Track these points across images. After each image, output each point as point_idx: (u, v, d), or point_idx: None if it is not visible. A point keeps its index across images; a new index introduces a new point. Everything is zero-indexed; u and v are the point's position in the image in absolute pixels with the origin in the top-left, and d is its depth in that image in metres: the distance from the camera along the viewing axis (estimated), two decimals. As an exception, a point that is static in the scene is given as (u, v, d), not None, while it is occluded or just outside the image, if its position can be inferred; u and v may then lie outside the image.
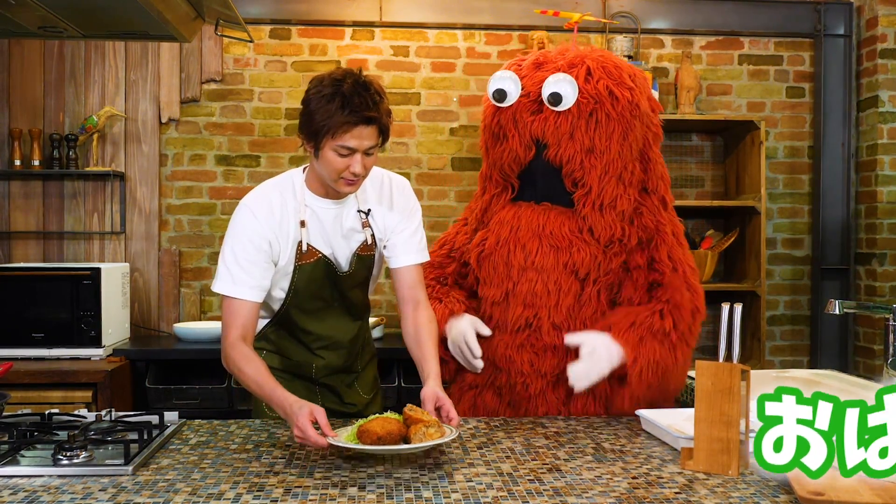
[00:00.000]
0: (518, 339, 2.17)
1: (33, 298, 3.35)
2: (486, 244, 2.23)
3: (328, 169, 1.91)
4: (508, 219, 2.21)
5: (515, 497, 1.44)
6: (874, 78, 4.02)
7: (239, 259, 1.96)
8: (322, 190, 2.03)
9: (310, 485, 1.51)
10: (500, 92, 2.18)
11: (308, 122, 1.89)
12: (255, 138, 3.98)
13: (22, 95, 3.85)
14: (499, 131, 2.21)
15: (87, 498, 1.42)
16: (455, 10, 4.01)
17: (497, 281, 2.20)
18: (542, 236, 2.15)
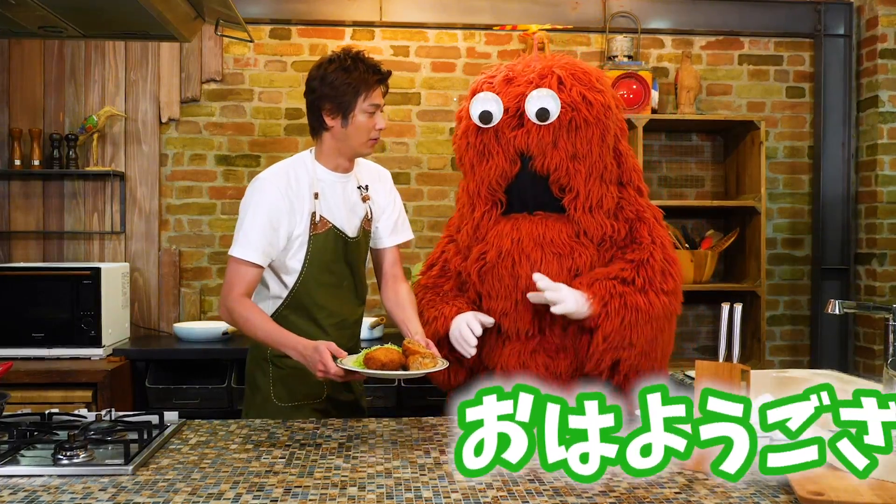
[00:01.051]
0: (530, 346, 2.24)
1: (33, 298, 3.35)
2: (488, 258, 2.25)
3: (361, 132, 2.19)
4: (508, 231, 2.24)
5: (515, 497, 1.44)
6: (874, 78, 4.02)
7: (256, 225, 2.14)
8: (332, 164, 2.26)
9: (310, 485, 1.51)
10: (486, 114, 2.23)
11: (334, 94, 2.16)
12: (256, 138, 3.98)
13: (22, 95, 3.85)
14: (482, 149, 2.25)
15: (86, 498, 1.42)
16: (455, 10, 4.01)
17: (504, 293, 2.23)
18: (543, 245, 2.21)
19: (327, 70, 2.18)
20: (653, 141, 4.08)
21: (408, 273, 3.98)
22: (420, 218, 4.02)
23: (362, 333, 3.66)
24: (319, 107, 2.20)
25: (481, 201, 2.28)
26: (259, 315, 2.13)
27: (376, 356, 1.84)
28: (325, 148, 2.25)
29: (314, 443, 1.83)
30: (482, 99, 2.24)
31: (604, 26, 4.03)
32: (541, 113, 2.17)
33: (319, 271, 2.24)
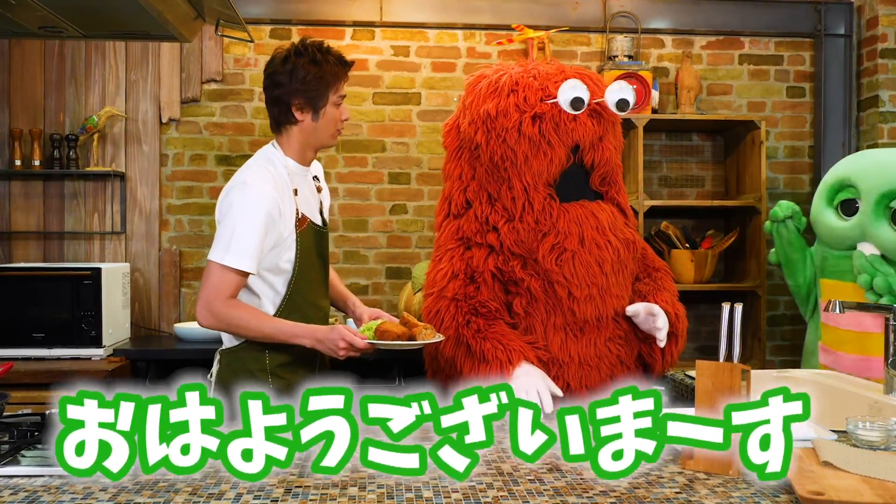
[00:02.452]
0: (606, 334, 2.29)
1: (34, 298, 3.35)
2: (567, 245, 2.23)
3: (331, 123, 2.21)
4: (583, 217, 2.26)
5: (516, 497, 1.44)
6: (874, 78, 4.02)
7: (251, 232, 2.08)
8: (299, 157, 2.25)
9: (310, 484, 1.51)
10: (577, 100, 2.24)
11: (305, 89, 2.14)
12: (256, 138, 3.98)
13: (22, 95, 3.86)
14: (540, 141, 2.25)
15: (87, 498, 1.42)
16: (455, 10, 4.01)
17: (589, 279, 2.23)
18: (615, 230, 2.29)
19: (296, 64, 2.14)
20: (653, 141, 4.08)
21: (408, 273, 3.98)
22: (420, 218, 4.02)
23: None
24: (288, 102, 2.16)
25: (539, 195, 2.27)
26: (257, 312, 2.12)
27: (390, 329, 1.96)
28: (292, 142, 2.22)
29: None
30: (573, 86, 2.25)
31: (604, 26, 4.03)
32: (621, 103, 2.24)
33: (307, 268, 2.23)
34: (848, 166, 3.16)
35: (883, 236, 3.00)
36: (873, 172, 3.03)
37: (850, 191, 3.11)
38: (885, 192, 2.99)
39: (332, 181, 4.01)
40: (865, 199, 3.03)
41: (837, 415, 2.26)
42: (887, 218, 3.00)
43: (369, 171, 4.03)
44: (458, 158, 2.41)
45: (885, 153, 3.19)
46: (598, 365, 2.27)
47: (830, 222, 3.12)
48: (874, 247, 3.04)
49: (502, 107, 2.27)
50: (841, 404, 2.39)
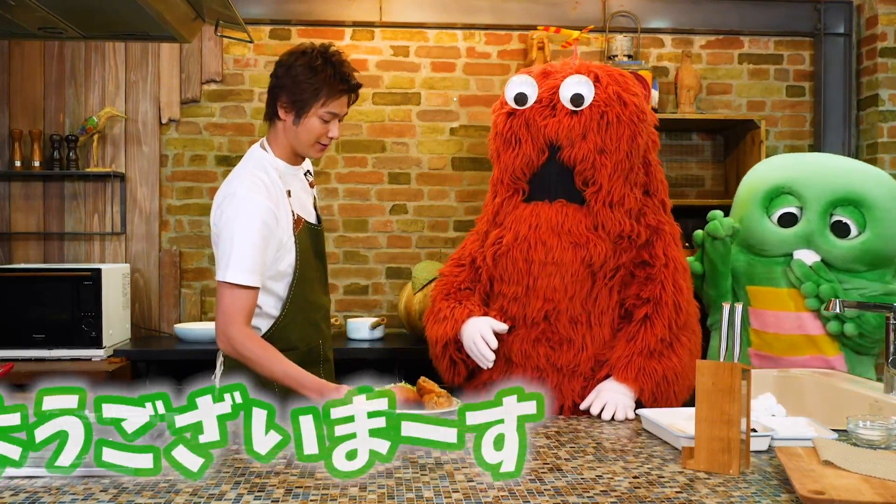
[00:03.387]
0: (534, 334, 2.25)
1: (34, 299, 3.35)
2: (504, 241, 2.26)
3: (308, 135, 2.13)
4: (526, 216, 2.25)
5: (516, 496, 1.44)
6: (874, 77, 4.02)
7: (249, 245, 2.04)
8: (287, 156, 2.20)
9: (311, 485, 1.51)
10: (521, 95, 2.24)
11: (293, 89, 2.08)
12: (256, 139, 3.96)
13: (22, 96, 3.86)
14: (511, 136, 2.25)
15: (88, 499, 1.42)
16: (455, 10, 4.01)
17: (517, 277, 2.24)
18: (560, 233, 2.22)
19: (295, 62, 2.10)
20: (653, 140, 4.07)
21: (408, 273, 3.98)
22: (420, 218, 4.02)
23: (363, 334, 3.68)
24: (277, 95, 2.13)
25: (503, 188, 2.30)
26: (273, 353, 2.04)
27: None
28: (279, 139, 2.19)
29: (315, 443, 1.83)
30: (518, 82, 2.25)
31: (604, 26, 4.03)
32: (575, 98, 2.20)
33: (307, 269, 2.21)
34: (785, 173, 3.08)
35: (829, 244, 2.98)
36: (817, 181, 2.99)
37: (788, 198, 3.05)
38: (830, 200, 2.96)
39: (332, 181, 4.01)
40: (810, 208, 2.98)
41: (838, 414, 2.26)
42: (830, 225, 2.98)
43: (369, 171, 4.03)
44: None
45: (820, 158, 3.17)
46: (522, 363, 2.26)
47: (768, 230, 3.04)
48: (814, 253, 3.01)
49: (495, 106, 2.37)
50: (841, 403, 2.39)
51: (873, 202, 2.93)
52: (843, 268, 2.99)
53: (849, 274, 2.99)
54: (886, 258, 3.00)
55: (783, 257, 3.06)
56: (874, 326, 2.95)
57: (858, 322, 2.94)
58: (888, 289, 3.03)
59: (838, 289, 2.97)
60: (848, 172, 3.03)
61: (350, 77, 2.13)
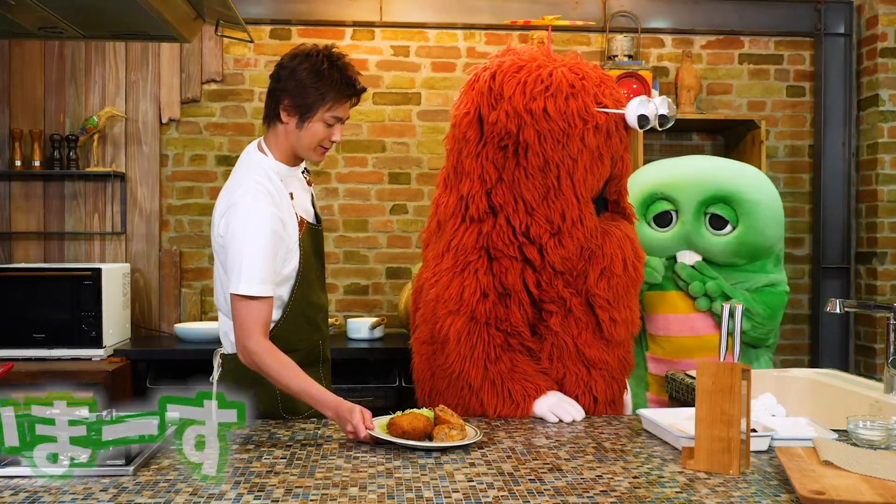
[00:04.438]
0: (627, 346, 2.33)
1: (34, 299, 3.35)
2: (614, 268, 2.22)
3: (311, 139, 2.08)
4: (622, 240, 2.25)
5: (516, 497, 1.44)
6: (874, 77, 4.02)
7: (259, 256, 2.00)
8: (286, 159, 2.14)
9: (311, 485, 1.51)
10: (644, 118, 2.17)
11: (299, 94, 2.03)
12: (256, 139, 3.97)
13: (22, 96, 3.86)
14: (598, 153, 2.17)
15: (88, 498, 1.43)
16: (455, 10, 4.01)
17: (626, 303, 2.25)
18: (638, 253, 2.30)
19: (299, 66, 2.05)
20: (653, 140, 4.08)
21: (408, 273, 3.98)
22: (420, 218, 4.02)
23: (363, 334, 3.68)
24: (279, 99, 2.08)
25: (589, 210, 2.21)
26: (292, 369, 1.98)
27: (399, 423, 1.80)
28: (279, 141, 2.13)
29: (315, 443, 1.83)
30: (644, 102, 2.15)
31: (604, 26, 4.03)
32: (661, 120, 2.18)
33: (309, 271, 2.17)
34: (658, 180, 3.23)
35: (706, 242, 3.15)
36: (688, 183, 3.15)
37: (662, 203, 3.20)
38: (702, 199, 3.12)
39: (332, 181, 4.01)
40: (685, 209, 3.15)
41: (838, 414, 2.26)
42: (706, 223, 3.15)
43: (369, 171, 4.03)
44: (480, 154, 2.16)
45: (691, 161, 3.35)
46: (620, 367, 2.30)
47: (648, 235, 3.19)
48: (694, 253, 3.19)
49: (563, 110, 2.10)
50: (841, 403, 2.39)
51: (742, 197, 3.09)
52: (725, 263, 3.16)
53: (731, 269, 3.16)
54: (763, 249, 3.16)
55: (666, 261, 3.21)
56: (764, 317, 3.12)
57: (748, 314, 3.09)
58: (770, 279, 3.20)
59: (724, 285, 3.13)
60: (718, 171, 3.19)
61: (356, 81, 2.09)
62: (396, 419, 1.82)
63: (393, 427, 1.80)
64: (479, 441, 1.84)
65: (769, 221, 3.15)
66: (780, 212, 3.23)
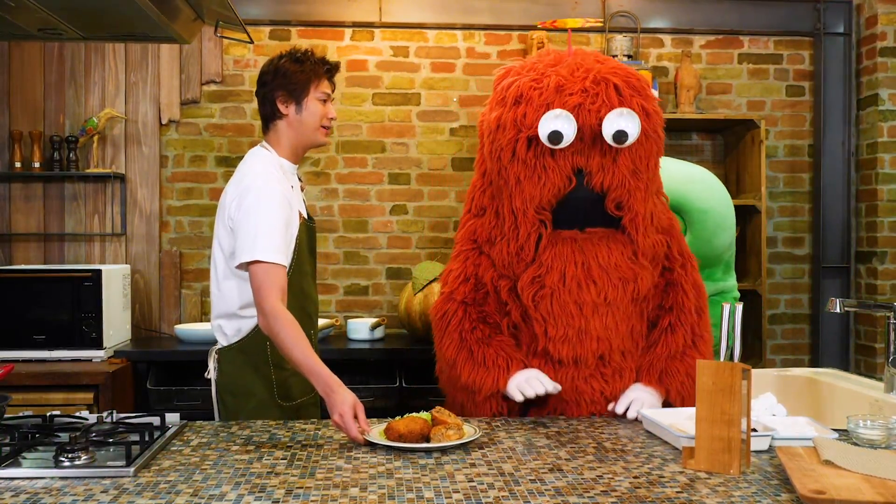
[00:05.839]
0: (586, 372, 2.15)
1: (34, 300, 3.35)
2: (547, 282, 2.10)
3: (313, 118, 2.29)
4: (568, 253, 2.09)
5: (517, 497, 1.44)
6: (874, 76, 4.02)
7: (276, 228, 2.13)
8: (289, 155, 2.33)
9: (311, 485, 1.51)
10: (555, 134, 2.01)
11: (287, 83, 2.27)
12: (256, 139, 3.97)
13: (22, 97, 3.86)
14: (535, 164, 2.06)
15: (88, 500, 1.43)
16: (455, 11, 4.01)
17: (566, 320, 2.10)
18: (608, 269, 2.09)
19: (280, 63, 2.30)
20: (653, 140, 4.07)
21: (408, 274, 3.98)
22: (420, 218, 4.02)
23: (363, 335, 3.68)
24: (273, 97, 2.28)
25: (527, 221, 2.10)
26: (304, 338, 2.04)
27: (396, 427, 1.80)
28: (282, 139, 2.31)
29: (315, 444, 1.83)
30: (553, 116, 2.01)
31: (604, 26, 4.03)
32: (618, 136, 2.01)
33: (303, 261, 2.30)
34: None
35: None
36: None
37: None
38: None
39: (332, 181, 4.01)
40: None
41: (838, 413, 2.26)
42: None
43: (369, 172, 4.03)
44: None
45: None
46: (575, 399, 2.15)
47: None
48: None
49: (504, 120, 2.10)
50: (841, 403, 2.39)
51: (691, 206, 2.99)
52: None
53: None
54: (711, 258, 3.06)
55: None
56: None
57: None
58: (718, 287, 3.12)
59: None
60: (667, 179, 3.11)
61: (327, 62, 2.34)
62: (393, 423, 1.83)
63: (390, 431, 1.81)
64: (480, 441, 1.85)
65: (717, 230, 3.03)
66: (731, 218, 3.10)
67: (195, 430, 1.95)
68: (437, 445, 1.77)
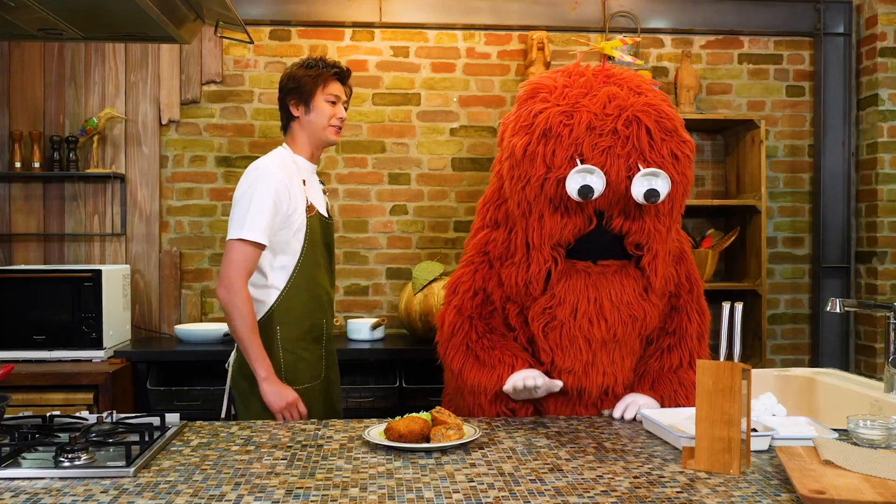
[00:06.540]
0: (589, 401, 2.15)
1: (34, 300, 3.35)
2: (558, 314, 2.06)
3: (321, 117, 2.50)
4: (582, 287, 2.05)
5: (517, 497, 1.44)
6: (874, 76, 4.02)
7: (264, 208, 2.33)
8: (306, 153, 2.55)
9: (311, 486, 1.51)
10: (585, 189, 1.94)
11: (298, 87, 2.49)
12: (256, 139, 3.98)
13: (22, 97, 3.86)
14: (560, 204, 2.00)
15: (88, 500, 1.43)
16: (455, 11, 4.01)
17: (574, 353, 2.07)
18: (619, 305, 2.05)
19: (293, 70, 2.54)
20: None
21: (408, 274, 3.98)
22: (420, 218, 4.02)
23: (363, 335, 3.68)
24: (287, 101, 2.52)
25: (541, 257, 2.05)
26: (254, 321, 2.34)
27: (396, 427, 1.80)
28: (297, 139, 2.54)
29: (315, 444, 1.83)
30: (585, 172, 1.94)
31: (603, 26, 4.03)
32: (649, 194, 1.94)
33: (314, 251, 2.47)
34: None
35: None
36: None
37: None
38: None
39: (332, 181, 4.01)
40: None
41: (838, 413, 2.26)
42: None
43: (369, 172, 4.03)
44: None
45: None
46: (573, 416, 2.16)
47: None
48: None
49: (531, 151, 2.01)
50: (842, 403, 2.39)
51: None
52: None
53: None
54: None
55: None
56: None
57: None
58: None
59: None
60: None
61: (338, 63, 2.56)
62: (393, 423, 1.83)
63: (390, 431, 1.81)
64: (480, 441, 1.85)
65: None
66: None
67: (195, 431, 1.95)
68: (437, 445, 1.77)
